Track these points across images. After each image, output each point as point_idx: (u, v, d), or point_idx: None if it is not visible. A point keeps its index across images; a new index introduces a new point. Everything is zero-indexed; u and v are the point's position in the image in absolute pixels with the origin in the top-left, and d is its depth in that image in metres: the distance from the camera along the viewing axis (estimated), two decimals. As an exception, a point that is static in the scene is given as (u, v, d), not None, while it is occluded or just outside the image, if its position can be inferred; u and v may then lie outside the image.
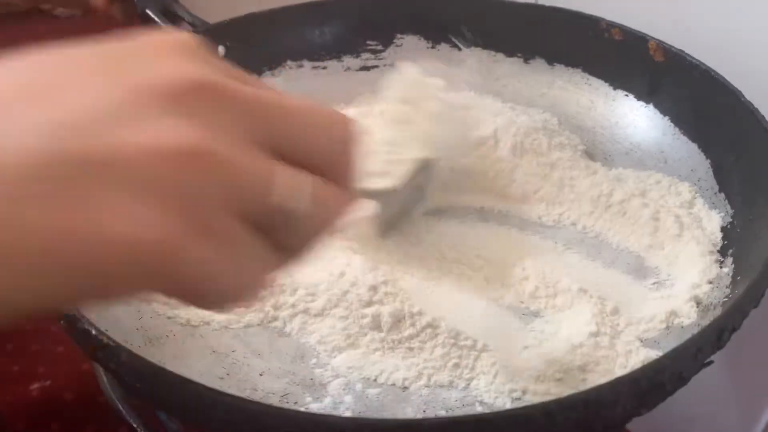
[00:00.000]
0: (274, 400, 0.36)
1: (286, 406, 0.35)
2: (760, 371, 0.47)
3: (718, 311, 0.37)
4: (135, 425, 0.43)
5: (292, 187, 0.22)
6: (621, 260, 0.43)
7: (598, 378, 0.36)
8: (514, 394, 0.35)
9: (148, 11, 0.56)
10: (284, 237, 0.22)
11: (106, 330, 0.33)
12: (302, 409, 0.35)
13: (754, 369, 0.46)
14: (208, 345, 0.39)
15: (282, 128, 0.22)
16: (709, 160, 0.47)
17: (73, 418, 0.48)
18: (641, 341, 0.37)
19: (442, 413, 0.34)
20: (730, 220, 0.43)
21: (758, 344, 0.45)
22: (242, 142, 0.21)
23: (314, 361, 0.38)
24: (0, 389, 0.49)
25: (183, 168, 0.19)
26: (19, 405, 0.48)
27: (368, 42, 0.60)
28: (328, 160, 0.23)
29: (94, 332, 0.31)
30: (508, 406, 0.34)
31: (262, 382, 0.37)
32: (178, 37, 0.22)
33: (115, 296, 0.20)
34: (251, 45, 0.57)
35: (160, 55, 0.21)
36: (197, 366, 0.37)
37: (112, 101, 0.20)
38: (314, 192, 0.22)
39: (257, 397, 0.36)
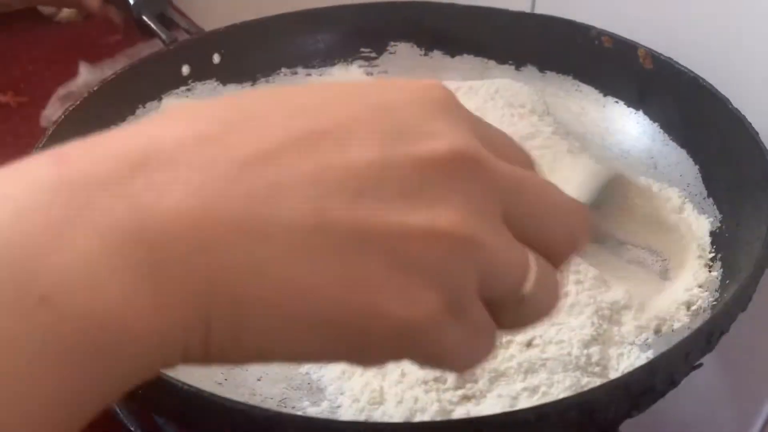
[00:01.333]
0: (272, 405, 0.36)
1: (284, 410, 0.36)
2: (755, 373, 0.47)
3: (708, 315, 0.38)
4: (133, 429, 0.43)
5: (540, 275, 0.22)
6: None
7: (591, 380, 0.36)
8: (510, 396, 0.35)
9: (144, 17, 0.57)
10: (507, 316, 0.22)
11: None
12: (300, 413, 0.36)
13: (750, 371, 0.47)
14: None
15: (530, 209, 0.22)
16: (697, 166, 0.48)
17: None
18: (633, 344, 0.38)
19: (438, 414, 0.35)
20: (719, 224, 0.44)
21: (754, 346, 0.46)
22: (498, 221, 0.21)
23: (310, 365, 0.38)
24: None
25: (450, 251, 0.19)
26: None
27: (362, 49, 0.60)
28: (557, 248, 0.23)
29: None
30: (505, 408, 0.35)
31: (260, 387, 0.37)
32: (435, 91, 0.22)
33: (366, 362, 0.21)
34: (246, 52, 0.57)
35: (423, 115, 0.21)
36: (195, 371, 0.38)
37: (383, 171, 0.19)
38: (542, 278, 0.22)
39: (255, 401, 0.36)
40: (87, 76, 0.66)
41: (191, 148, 0.18)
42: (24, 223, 0.16)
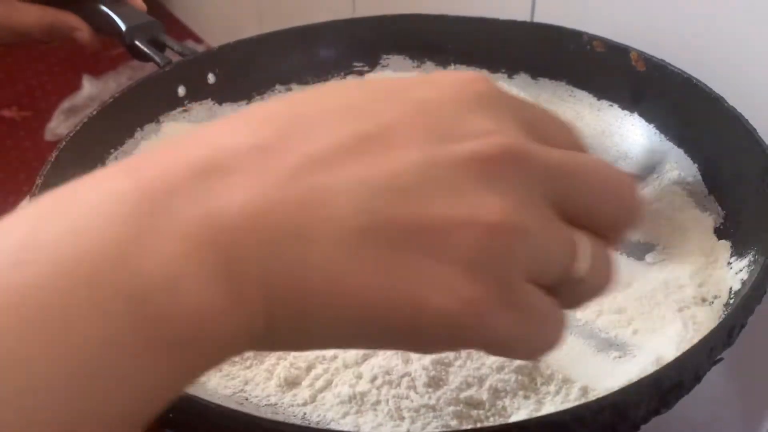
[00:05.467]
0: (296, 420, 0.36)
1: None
2: (762, 376, 0.48)
3: (722, 309, 0.39)
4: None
5: (588, 255, 0.23)
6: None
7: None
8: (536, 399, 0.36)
9: (136, 42, 0.56)
10: (565, 297, 0.23)
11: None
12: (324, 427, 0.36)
13: (757, 373, 0.47)
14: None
15: (579, 191, 0.23)
16: (696, 165, 0.49)
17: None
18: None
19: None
20: (722, 221, 0.45)
21: (759, 348, 0.47)
22: (545, 208, 0.22)
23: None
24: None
25: (493, 241, 0.20)
26: None
27: (355, 63, 0.61)
28: (611, 225, 0.23)
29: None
30: (531, 410, 0.35)
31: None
32: (476, 85, 0.23)
33: (421, 350, 0.22)
34: (240, 71, 0.57)
35: (465, 113, 0.22)
36: (208, 386, 0.38)
37: (426, 171, 0.20)
38: (596, 255, 0.23)
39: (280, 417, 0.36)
40: (90, 89, 0.66)
41: (248, 157, 0.20)
42: (110, 231, 0.18)
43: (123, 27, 0.56)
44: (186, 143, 0.20)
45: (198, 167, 0.19)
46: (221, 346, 0.19)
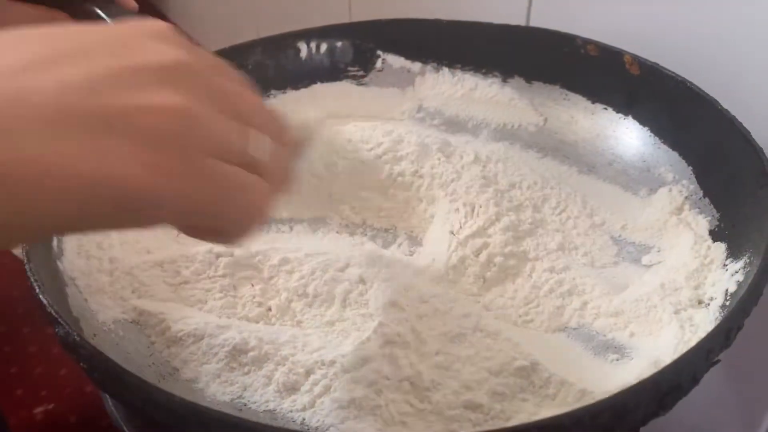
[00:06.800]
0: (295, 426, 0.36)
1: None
2: (759, 378, 0.48)
3: (717, 311, 0.39)
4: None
5: (260, 142, 0.28)
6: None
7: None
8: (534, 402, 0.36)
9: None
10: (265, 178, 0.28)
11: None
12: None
13: (754, 375, 0.48)
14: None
15: (237, 107, 0.28)
16: (690, 167, 0.49)
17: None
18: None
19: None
20: (717, 223, 0.45)
21: (756, 350, 0.47)
22: (213, 107, 0.27)
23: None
24: (4, 413, 0.48)
25: (172, 121, 0.25)
26: (24, 429, 0.48)
27: (349, 68, 0.61)
28: (272, 128, 0.29)
29: (117, 371, 0.31)
30: (531, 414, 0.35)
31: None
32: (157, 24, 0.28)
33: (134, 224, 0.26)
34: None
35: (146, 39, 0.27)
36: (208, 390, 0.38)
37: (113, 73, 0.25)
38: (272, 146, 0.29)
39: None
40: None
41: None
42: None
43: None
44: None
45: None
46: None
